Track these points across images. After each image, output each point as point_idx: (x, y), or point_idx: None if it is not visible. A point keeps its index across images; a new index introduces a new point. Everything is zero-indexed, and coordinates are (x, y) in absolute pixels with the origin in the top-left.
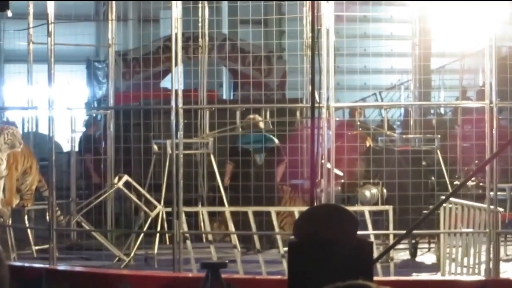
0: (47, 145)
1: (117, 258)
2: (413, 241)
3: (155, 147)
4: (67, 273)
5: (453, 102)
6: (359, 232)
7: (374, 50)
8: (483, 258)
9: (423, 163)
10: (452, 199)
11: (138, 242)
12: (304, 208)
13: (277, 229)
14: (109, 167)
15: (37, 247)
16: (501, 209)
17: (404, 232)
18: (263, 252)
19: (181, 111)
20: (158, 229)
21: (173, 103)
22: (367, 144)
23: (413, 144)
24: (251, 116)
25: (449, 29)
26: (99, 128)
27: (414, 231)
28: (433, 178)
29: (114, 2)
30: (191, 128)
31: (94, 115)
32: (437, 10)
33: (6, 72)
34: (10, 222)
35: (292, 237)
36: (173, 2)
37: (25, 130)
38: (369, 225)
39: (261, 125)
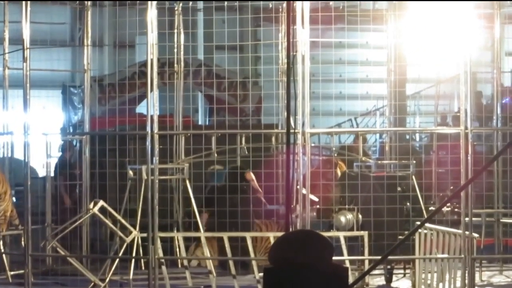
0: (23, 170)
1: (92, 284)
2: (389, 267)
3: (131, 172)
4: None
5: (428, 128)
6: (334, 258)
7: (350, 76)
8: (458, 283)
9: (398, 189)
10: (427, 224)
11: (113, 268)
12: (280, 234)
13: (252, 255)
14: (84, 192)
15: (12, 273)
16: (476, 235)
17: (379, 257)
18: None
19: (156, 137)
20: (134, 254)
21: (148, 129)
22: (338, 171)
23: (388, 170)
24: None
25: (424, 55)
26: (74, 152)
27: (390, 257)
28: (408, 203)
29: (89, 27)
30: (166, 154)
31: (69, 140)
32: (413, 36)
33: None
34: None
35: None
36: (149, 28)
37: (0, 156)
38: (345, 251)
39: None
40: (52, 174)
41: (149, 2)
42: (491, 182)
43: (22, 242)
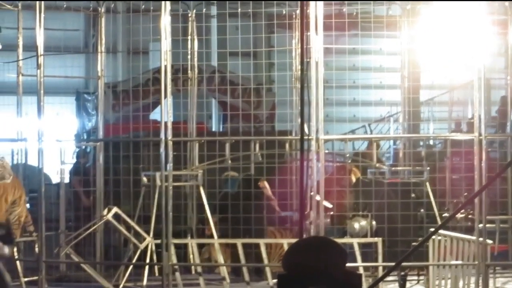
0: (37, 177)
1: None
2: (402, 273)
3: (145, 179)
4: None
5: (442, 135)
6: (348, 264)
7: (363, 82)
8: None
9: (412, 195)
10: (441, 231)
11: (127, 274)
12: (293, 240)
13: (266, 261)
14: (98, 199)
15: (26, 279)
16: (490, 241)
17: (393, 264)
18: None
19: (170, 143)
20: (147, 261)
21: (162, 135)
22: (353, 178)
23: (402, 176)
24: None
25: (438, 61)
26: (88, 159)
27: (403, 263)
28: (422, 210)
29: (103, 34)
30: (180, 160)
31: (83, 147)
32: (426, 42)
33: None
34: None
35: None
36: (162, 35)
37: (15, 162)
38: (358, 257)
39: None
40: (67, 181)
41: (163, 8)
42: (505, 188)
43: (36, 249)
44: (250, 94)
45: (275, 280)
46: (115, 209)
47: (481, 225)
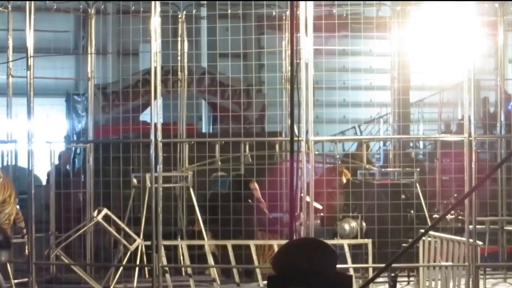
0: (26, 179)
1: None
2: (393, 275)
3: (134, 180)
4: None
5: (432, 136)
6: (338, 266)
7: (353, 83)
8: None
9: (402, 196)
10: (431, 232)
11: (117, 276)
12: (284, 242)
13: (256, 263)
14: (88, 200)
15: (16, 281)
16: (480, 243)
17: (383, 265)
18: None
19: (160, 145)
20: (138, 262)
21: (152, 137)
22: (343, 179)
23: (392, 177)
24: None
25: (428, 62)
26: (69, 161)
27: (394, 264)
28: (412, 211)
29: (93, 36)
30: (170, 162)
31: (73, 148)
32: (416, 43)
33: None
34: None
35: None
36: (152, 36)
37: (4, 164)
38: (349, 259)
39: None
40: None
41: (153, 10)
42: (495, 189)
43: (26, 250)
44: (240, 95)
45: (265, 282)
46: (105, 211)
47: (471, 226)
